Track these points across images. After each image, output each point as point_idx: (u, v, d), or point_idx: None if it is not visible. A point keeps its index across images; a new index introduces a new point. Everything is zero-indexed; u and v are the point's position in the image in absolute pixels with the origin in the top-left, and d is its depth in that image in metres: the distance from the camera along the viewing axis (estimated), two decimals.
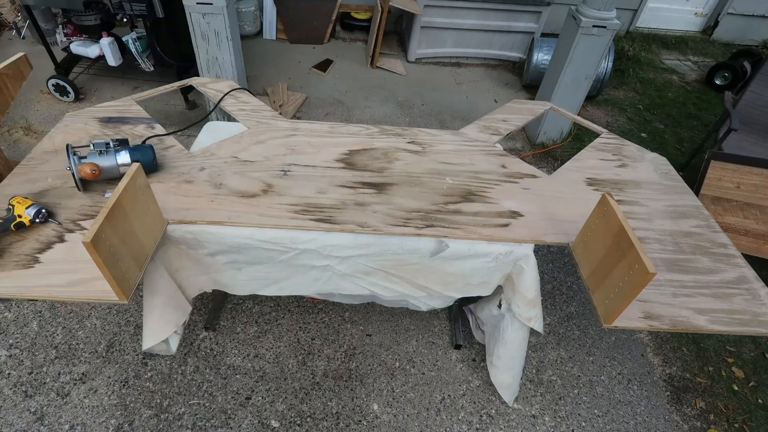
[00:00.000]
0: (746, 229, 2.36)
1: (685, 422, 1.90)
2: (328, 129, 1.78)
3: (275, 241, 1.34)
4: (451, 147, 1.74)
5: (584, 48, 2.92)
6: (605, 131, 1.92)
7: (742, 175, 2.38)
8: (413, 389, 1.89)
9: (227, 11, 2.66)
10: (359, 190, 1.49)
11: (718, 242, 1.45)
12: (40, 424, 1.66)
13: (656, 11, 5.38)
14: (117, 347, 1.91)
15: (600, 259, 1.19)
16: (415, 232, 1.36)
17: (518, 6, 4.17)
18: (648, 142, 3.68)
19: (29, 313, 2.00)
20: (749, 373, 2.09)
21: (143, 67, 3.20)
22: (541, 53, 3.90)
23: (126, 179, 1.06)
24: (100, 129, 1.64)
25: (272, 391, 1.83)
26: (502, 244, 1.38)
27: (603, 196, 1.20)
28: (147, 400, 1.76)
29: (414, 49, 4.38)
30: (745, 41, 5.53)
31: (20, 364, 1.82)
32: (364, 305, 2.17)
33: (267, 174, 1.52)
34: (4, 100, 2.34)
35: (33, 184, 1.38)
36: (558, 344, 2.12)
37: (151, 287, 1.38)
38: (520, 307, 1.47)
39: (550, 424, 1.83)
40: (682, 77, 4.82)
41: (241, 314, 2.09)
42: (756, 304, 1.26)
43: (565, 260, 2.53)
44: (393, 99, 3.87)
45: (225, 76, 2.95)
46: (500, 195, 1.53)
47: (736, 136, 2.81)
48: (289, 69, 4.11)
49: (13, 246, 1.19)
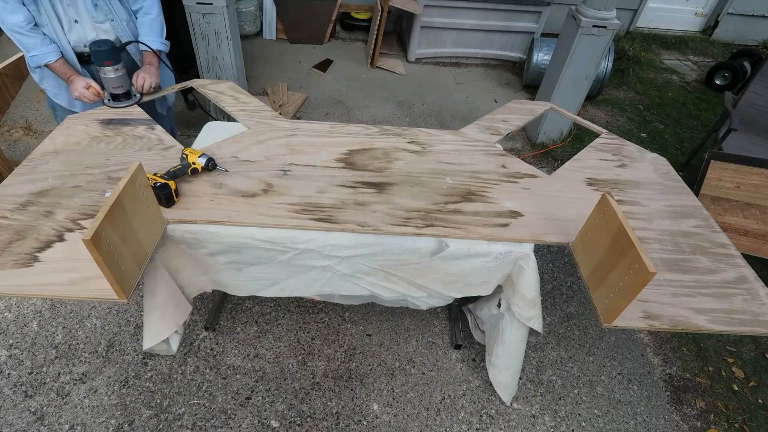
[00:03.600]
0: (746, 229, 2.36)
1: (685, 422, 1.90)
2: (328, 129, 1.78)
3: (275, 241, 1.34)
4: (451, 147, 1.74)
5: (584, 48, 2.92)
6: (605, 131, 1.92)
7: (742, 175, 2.38)
8: (413, 389, 1.89)
9: (227, 11, 2.67)
10: (359, 189, 1.49)
11: (717, 242, 1.45)
12: (40, 424, 1.66)
13: (656, 11, 5.38)
14: (117, 347, 1.91)
15: (600, 259, 1.19)
16: (415, 232, 1.36)
17: (518, 6, 4.17)
18: (648, 142, 3.68)
19: (29, 313, 2.00)
20: (749, 373, 2.09)
21: None
22: (541, 53, 3.91)
23: (126, 179, 1.07)
24: (101, 130, 1.65)
25: (272, 391, 1.83)
26: (502, 243, 1.38)
27: (603, 195, 1.20)
28: (147, 400, 1.76)
29: (414, 49, 4.38)
30: (745, 41, 5.53)
31: (20, 364, 1.82)
32: (364, 305, 2.17)
33: (267, 174, 1.52)
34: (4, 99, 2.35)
35: (33, 185, 1.38)
36: (558, 344, 2.12)
37: (151, 287, 1.38)
38: (519, 306, 1.47)
39: (550, 424, 1.83)
40: (682, 77, 4.82)
41: (241, 314, 2.09)
42: (756, 303, 1.26)
43: (565, 260, 2.53)
44: (393, 99, 3.87)
45: (225, 77, 2.96)
46: (500, 195, 1.53)
47: (736, 136, 2.81)
48: (289, 69, 4.11)
49: (13, 245, 1.19)
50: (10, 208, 1.29)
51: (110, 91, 1.72)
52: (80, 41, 1.75)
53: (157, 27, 1.86)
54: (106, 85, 1.71)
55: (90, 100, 1.72)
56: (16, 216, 1.27)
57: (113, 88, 1.71)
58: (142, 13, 1.83)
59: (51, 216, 1.28)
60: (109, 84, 1.70)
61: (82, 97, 1.70)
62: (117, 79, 1.69)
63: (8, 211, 1.28)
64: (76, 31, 1.72)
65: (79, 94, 1.69)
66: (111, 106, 1.75)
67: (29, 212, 1.29)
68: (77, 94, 1.70)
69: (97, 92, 1.71)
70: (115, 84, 1.70)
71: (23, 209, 1.30)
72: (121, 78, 1.70)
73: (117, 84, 1.70)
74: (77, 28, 1.71)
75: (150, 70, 1.82)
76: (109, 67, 1.64)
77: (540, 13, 4.25)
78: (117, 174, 1.45)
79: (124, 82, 1.72)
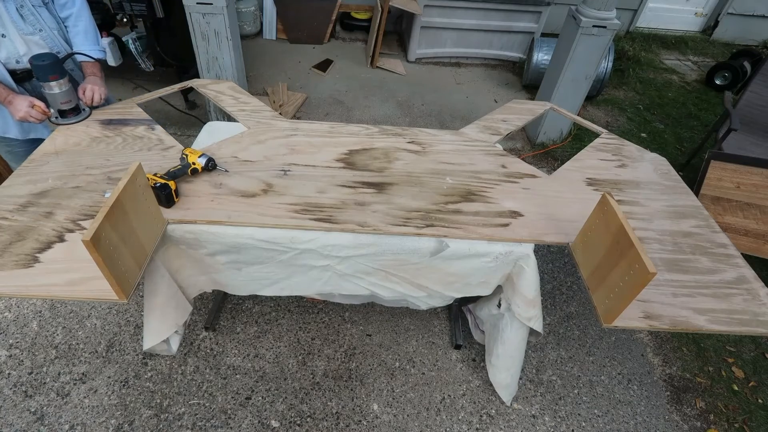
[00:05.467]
0: (746, 229, 2.36)
1: (685, 422, 1.90)
2: (328, 129, 1.78)
3: (275, 241, 1.34)
4: (451, 147, 1.74)
5: (584, 48, 2.92)
6: (605, 131, 1.92)
7: (742, 175, 2.38)
8: (413, 389, 1.89)
9: (227, 11, 2.67)
10: (359, 189, 1.49)
11: (717, 242, 1.45)
12: (40, 424, 1.66)
13: (656, 11, 5.38)
14: (117, 347, 1.91)
15: (600, 259, 1.19)
16: (415, 232, 1.36)
17: (518, 6, 4.17)
18: (648, 142, 3.68)
19: (29, 313, 2.00)
20: (749, 373, 2.09)
21: (143, 67, 3.20)
22: (541, 53, 3.91)
23: (125, 179, 1.07)
24: (100, 131, 1.65)
25: (272, 391, 1.83)
26: (502, 243, 1.38)
27: (603, 195, 1.20)
28: (147, 400, 1.76)
29: (414, 49, 4.38)
30: (745, 41, 5.54)
31: (20, 364, 1.82)
32: (364, 305, 2.17)
33: (267, 174, 1.52)
34: None
35: (34, 185, 1.38)
36: (558, 344, 2.12)
37: (151, 287, 1.38)
38: (520, 306, 1.47)
39: (550, 424, 1.83)
40: (682, 77, 4.82)
41: (241, 314, 2.09)
42: (756, 304, 1.26)
43: (565, 260, 2.53)
44: (393, 99, 3.87)
45: (225, 77, 2.96)
46: (500, 195, 1.53)
47: (736, 136, 2.81)
48: (289, 69, 4.11)
49: (14, 245, 1.19)
50: (10, 209, 1.29)
51: (58, 107, 1.59)
52: (11, 57, 1.57)
53: (92, 34, 1.72)
54: (52, 102, 1.58)
55: (37, 120, 1.56)
56: (16, 217, 1.27)
57: (61, 104, 1.58)
58: (73, 20, 1.67)
59: (51, 217, 1.28)
60: (56, 100, 1.57)
61: (28, 117, 1.54)
62: (64, 94, 1.57)
63: (8, 211, 1.29)
64: (5, 46, 1.55)
65: (25, 113, 1.53)
66: (59, 124, 1.63)
67: (30, 213, 1.29)
68: (22, 115, 1.53)
69: (43, 110, 1.57)
70: (63, 99, 1.57)
71: (24, 210, 1.30)
72: (68, 92, 1.58)
73: (65, 99, 1.58)
74: (5, 43, 1.55)
75: (96, 81, 1.69)
76: (54, 82, 1.51)
77: (540, 13, 4.25)
78: (117, 174, 1.45)
79: (72, 96, 1.60)
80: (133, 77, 3.56)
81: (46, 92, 1.55)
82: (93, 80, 1.70)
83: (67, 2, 1.64)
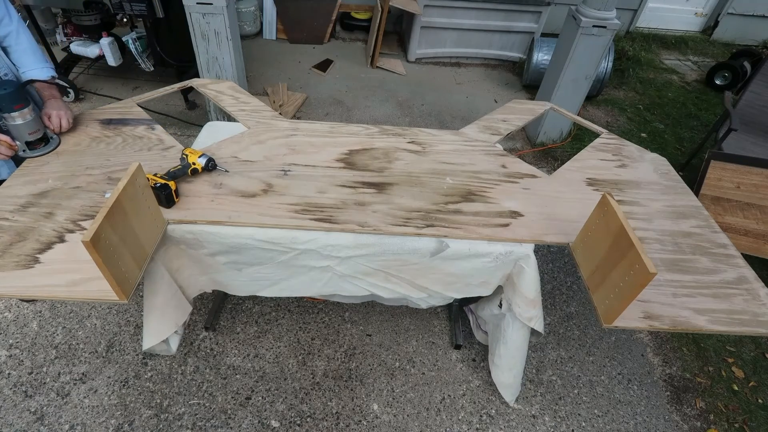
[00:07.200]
0: (746, 229, 2.36)
1: (685, 422, 1.90)
2: (328, 129, 1.78)
3: (275, 241, 1.34)
4: (451, 147, 1.74)
5: (584, 48, 2.92)
6: (605, 131, 1.92)
7: (742, 175, 2.38)
8: (413, 389, 1.89)
9: (227, 11, 2.66)
10: (359, 189, 1.49)
11: (717, 242, 1.45)
12: (40, 424, 1.66)
13: (656, 11, 5.38)
14: (117, 347, 1.91)
15: (600, 259, 1.19)
16: (415, 232, 1.36)
17: (518, 6, 4.17)
18: (648, 142, 3.68)
19: (29, 313, 2.00)
20: (749, 373, 2.09)
21: (143, 67, 3.20)
22: (541, 53, 3.91)
23: (125, 180, 1.07)
24: (101, 131, 1.64)
25: (272, 391, 1.83)
26: (503, 244, 1.38)
27: (603, 196, 1.20)
28: (147, 400, 1.76)
29: (414, 49, 4.38)
30: (745, 41, 5.54)
31: (20, 364, 1.82)
32: (364, 305, 2.17)
33: (267, 174, 1.52)
34: None
35: (34, 186, 1.38)
36: (558, 344, 2.12)
37: (151, 287, 1.38)
38: (520, 307, 1.47)
39: (550, 424, 1.83)
40: (682, 77, 4.82)
41: (241, 314, 2.09)
42: (756, 304, 1.26)
43: (565, 260, 2.53)
44: (393, 99, 3.87)
45: (225, 76, 2.95)
46: (500, 195, 1.53)
47: (736, 136, 2.81)
48: (289, 69, 4.11)
49: (14, 246, 1.19)
50: (10, 210, 1.29)
51: (25, 139, 1.43)
52: None
53: (38, 53, 1.55)
54: (17, 135, 1.42)
55: (5, 156, 1.39)
56: (16, 217, 1.27)
57: (29, 134, 1.43)
58: (14, 38, 1.49)
59: (51, 217, 1.28)
60: (23, 131, 1.41)
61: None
62: (30, 124, 1.42)
63: (9, 212, 1.28)
64: None
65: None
66: (28, 157, 1.46)
67: (30, 213, 1.29)
68: None
69: (9, 144, 1.40)
70: (30, 130, 1.42)
71: (24, 210, 1.29)
72: (35, 121, 1.43)
73: (32, 129, 1.43)
74: None
75: (59, 105, 1.54)
76: (17, 112, 1.36)
77: (540, 13, 4.25)
78: (117, 174, 1.45)
79: (39, 125, 1.45)
80: (133, 77, 3.56)
81: (9, 124, 1.39)
82: (55, 104, 1.54)
83: (3, 18, 1.45)
